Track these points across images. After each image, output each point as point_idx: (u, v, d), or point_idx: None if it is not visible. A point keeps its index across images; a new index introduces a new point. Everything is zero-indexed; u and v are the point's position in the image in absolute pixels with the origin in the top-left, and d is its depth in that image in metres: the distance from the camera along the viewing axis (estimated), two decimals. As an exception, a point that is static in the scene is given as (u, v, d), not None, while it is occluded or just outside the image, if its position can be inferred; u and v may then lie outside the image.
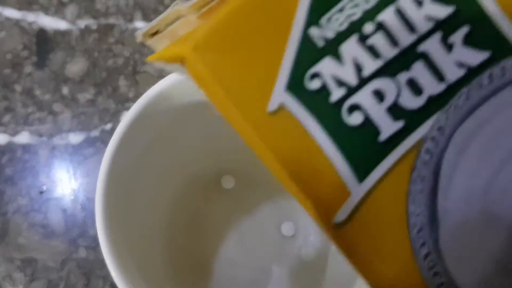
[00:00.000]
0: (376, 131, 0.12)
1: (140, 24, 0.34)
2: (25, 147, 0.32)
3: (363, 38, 0.12)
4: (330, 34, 0.12)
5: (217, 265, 0.29)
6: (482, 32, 0.12)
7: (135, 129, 0.21)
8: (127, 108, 0.33)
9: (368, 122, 0.12)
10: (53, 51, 0.34)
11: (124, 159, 0.21)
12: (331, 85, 0.12)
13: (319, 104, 0.12)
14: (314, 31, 0.12)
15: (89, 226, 0.31)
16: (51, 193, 0.31)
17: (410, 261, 0.12)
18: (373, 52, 0.12)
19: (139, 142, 0.22)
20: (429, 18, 0.12)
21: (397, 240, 0.12)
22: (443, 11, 0.12)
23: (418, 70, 0.12)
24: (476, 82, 0.12)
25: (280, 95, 0.12)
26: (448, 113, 0.12)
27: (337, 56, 0.12)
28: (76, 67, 0.34)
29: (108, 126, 0.32)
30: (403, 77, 0.12)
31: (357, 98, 0.12)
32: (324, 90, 0.12)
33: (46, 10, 0.35)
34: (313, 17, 0.12)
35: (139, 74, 0.33)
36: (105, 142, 0.32)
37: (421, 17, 0.12)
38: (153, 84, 0.33)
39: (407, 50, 0.12)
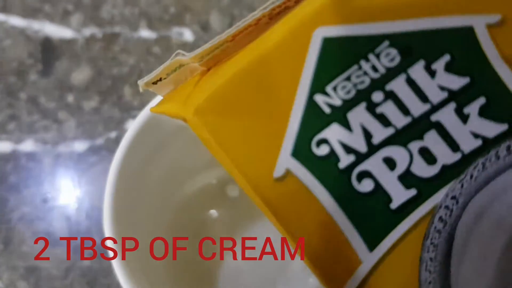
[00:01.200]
0: (387, 199, 0.12)
1: (145, 33, 0.34)
2: (30, 155, 0.32)
3: (372, 106, 0.12)
4: (337, 101, 0.12)
5: (221, 273, 0.28)
6: (499, 103, 0.12)
7: (142, 137, 0.21)
8: (132, 116, 0.32)
9: (379, 190, 0.12)
10: (58, 59, 0.34)
11: (131, 167, 0.21)
12: (339, 152, 0.12)
13: (327, 170, 0.12)
14: (320, 98, 0.12)
15: (93, 234, 0.30)
16: (56, 201, 0.31)
17: None
18: (383, 120, 0.12)
19: (145, 150, 0.22)
20: (442, 88, 0.12)
21: None
22: (457, 82, 0.12)
23: (432, 140, 0.12)
24: (493, 153, 0.12)
25: (286, 161, 0.12)
26: (463, 183, 0.12)
27: (345, 123, 0.12)
28: (81, 75, 0.33)
29: (113, 134, 0.32)
30: (415, 145, 0.12)
31: (367, 165, 0.12)
32: (332, 157, 0.12)
33: (51, 19, 0.35)
34: (318, 85, 0.12)
35: (144, 83, 0.33)
36: (110, 150, 0.32)
37: (434, 87, 0.12)
38: (158, 92, 0.33)
39: (420, 119, 0.12)
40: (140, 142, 0.21)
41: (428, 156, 0.12)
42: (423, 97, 0.12)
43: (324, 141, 0.12)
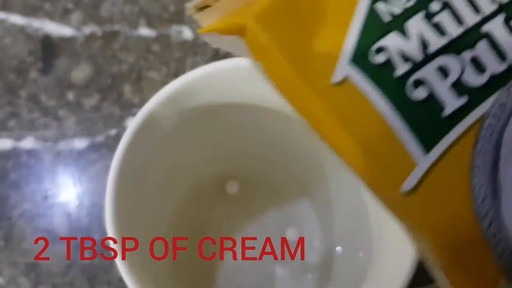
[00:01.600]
0: (440, 106, 0.12)
1: (144, 31, 0.34)
2: (30, 152, 0.32)
3: (429, 16, 0.12)
4: (397, 9, 0.12)
5: (221, 270, 0.29)
6: None
7: (142, 135, 0.21)
8: (132, 114, 0.32)
9: (432, 97, 0.12)
10: (58, 57, 0.34)
11: (132, 165, 0.21)
12: (396, 60, 0.12)
13: (384, 77, 0.12)
14: (381, 6, 0.12)
15: (94, 231, 0.30)
16: (56, 198, 0.31)
17: (474, 230, 0.12)
18: (439, 29, 0.12)
19: (145, 148, 0.22)
20: (493, 0, 0.12)
21: (461, 210, 0.12)
22: None
23: (482, 49, 0.12)
24: None
25: (344, 68, 0.12)
26: (509, 91, 0.12)
27: (403, 32, 0.12)
28: (81, 73, 0.33)
29: (113, 131, 0.32)
30: (467, 55, 0.12)
31: (422, 73, 0.12)
32: (389, 64, 0.12)
33: (51, 17, 0.35)
34: None
35: (143, 80, 0.33)
36: (110, 148, 0.32)
37: None
38: (158, 90, 0.33)
39: (472, 29, 0.12)
40: (140, 139, 0.21)
41: (478, 65, 0.12)
42: (476, 8, 0.12)
43: (382, 49, 0.12)
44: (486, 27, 0.12)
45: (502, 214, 0.12)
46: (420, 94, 0.12)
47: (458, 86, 0.12)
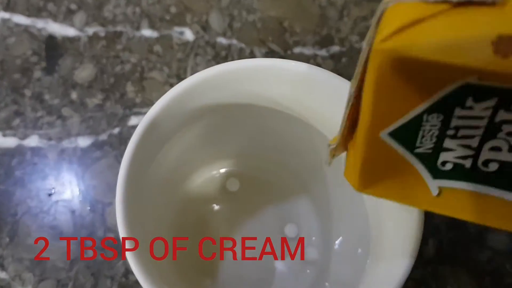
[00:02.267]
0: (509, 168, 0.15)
1: (146, 32, 0.35)
2: (34, 150, 0.32)
3: (453, 137, 0.15)
4: (431, 146, 0.15)
5: (223, 264, 0.29)
6: None
7: (149, 134, 0.21)
8: (135, 113, 0.33)
9: (502, 163, 0.15)
10: (62, 57, 0.34)
11: (140, 163, 0.21)
12: (460, 161, 0.15)
13: (462, 171, 0.15)
14: (419, 150, 0.15)
15: (97, 227, 0.31)
16: (60, 195, 0.32)
17: None
18: (466, 137, 0.15)
19: (152, 146, 0.22)
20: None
21: None
22: None
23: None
24: None
25: (433, 183, 0.16)
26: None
27: (448, 150, 0.15)
28: (84, 72, 0.34)
29: (116, 130, 0.33)
30: (502, 134, 0.14)
31: (485, 156, 0.15)
32: (458, 166, 0.15)
33: (54, 17, 0.35)
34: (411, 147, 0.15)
35: (146, 80, 0.34)
36: (113, 146, 0.32)
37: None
38: (160, 90, 0.34)
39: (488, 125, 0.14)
40: (147, 139, 0.21)
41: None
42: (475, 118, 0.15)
43: (444, 162, 0.15)
44: (497, 119, 0.14)
45: None
46: (493, 167, 0.15)
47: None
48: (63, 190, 0.32)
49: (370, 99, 0.14)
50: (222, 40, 0.35)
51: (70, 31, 0.35)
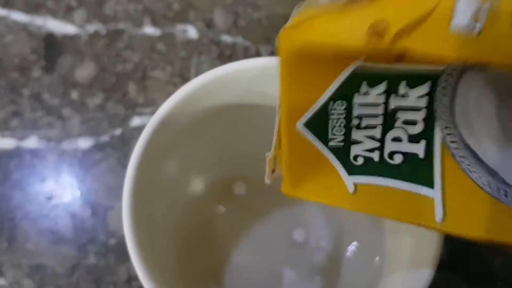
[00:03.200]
0: (415, 155, 0.15)
1: (149, 30, 0.33)
2: (33, 152, 0.31)
3: (358, 127, 0.16)
4: (341, 138, 0.16)
5: (229, 270, 0.28)
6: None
7: (158, 135, 0.20)
8: (137, 114, 0.32)
9: (404, 154, 0.15)
10: (61, 55, 0.33)
11: (147, 165, 0.20)
12: (369, 155, 0.16)
13: (372, 166, 0.16)
14: (333, 143, 0.16)
15: (99, 231, 0.29)
16: (60, 198, 0.30)
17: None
18: (369, 127, 0.15)
19: (160, 148, 0.21)
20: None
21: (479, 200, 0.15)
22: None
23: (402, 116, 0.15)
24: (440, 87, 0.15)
25: (349, 180, 0.16)
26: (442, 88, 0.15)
27: (356, 142, 0.16)
28: (85, 71, 0.33)
29: (118, 131, 0.31)
30: (399, 122, 0.15)
31: (389, 148, 0.15)
32: (368, 159, 0.16)
33: (54, 14, 0.34)
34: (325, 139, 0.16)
35: (148, 80, 0.32)
36: (114, 148, 0.31)
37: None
38: (162, 89, 0.32)
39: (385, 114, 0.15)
40: (155, 141, 0.20)
41: (409, 122, 0.15)
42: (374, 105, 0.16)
43: (356, 156, 0.16)
44: (391, 106, 0.15)
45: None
46: (398, 159, 0.15)
47: (413, 138, 0.15)
48: (63, 193, 0.30)
49: (282, 90, 0.15)
50: (226, 38, 0.33)
51: (70, 29, 0.33)
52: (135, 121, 0.31)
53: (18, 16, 0.34)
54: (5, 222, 0.30)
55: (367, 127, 0.15)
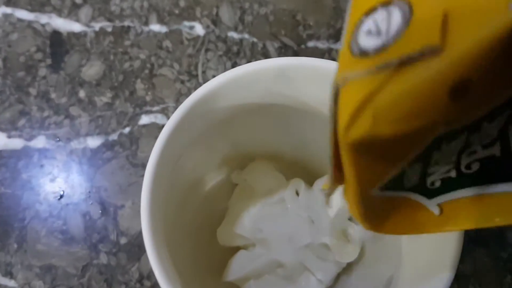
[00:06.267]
0: (492, 156, 0.14)
1: (155, 27, 0.32)
2: (42, 152, 0.30)
3: (433, 164, 0.14)
4: (416, 178, 0.15)
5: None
6: None
7: (176, 135, 0.19)
8: (145, 112, 0.31)
9: (481, 160, 0.14)
10: (68, 53, 0.32)
11: (166, 163, 0.19)
12: (446, 175, 0.15)
13: (451, 182, 0.15)
14: (408, 186, 0.15)
15: (110, 231, 0.28)
16: (70, 198, 0.29)
17: None
18: (444, 159, 0.14)
19: (178, 147, 0.20)
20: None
21: None
22: None
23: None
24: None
25: (431, 204, 0.15)
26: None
27: (432, 173, 0.15)
28: (92, 70, 0.31)
29: (126, 130, 0.30)
30: (475, 144, 0.14)
31: (465, 161, 0.14)
32: (445, 179, 0.15)
33: (59, 12, 0.32)
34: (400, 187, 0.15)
35: (156, 77, 0.31)
36: (123, 146, 0.30)
37: None
38: (170, 87, 0.31)
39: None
40: (173, 140, 0.19)
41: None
42: None
43: (433, 181, 0.15)
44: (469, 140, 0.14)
45: None
46: (475, 167, 0.15)
47: (487, 145, 0.14)
48: (73, 192, 0.29)
49: (351, 173, 0.13)
50: (233, 35, 0.32)
51: (76, 27, 0.32)
52: (144, 120, 0.30)
53: (23, 14, 0.32)
54: (15, 222, 0.29)
55: (442, 161, 0.14)
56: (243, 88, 0.20)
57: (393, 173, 0.13)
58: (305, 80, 0.20)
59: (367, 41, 0.11)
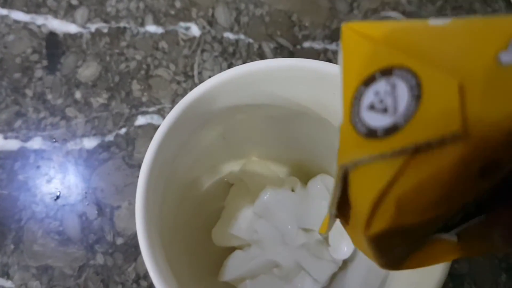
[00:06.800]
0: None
1: (151, 28, 0.32)
2: (38, 153, 0.30)
3: None
4: None
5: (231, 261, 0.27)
6: None
7: (171, 136, 0.19)
8: (141, 113, 0.30)
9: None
10: (64, 55, 0.32)
11: (160, 163, 0.19)
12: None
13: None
14: None
15: (106, 231, 0.28)
16: (66, 199, 0.29)
17: None
18: None
19: (172, 148, 0.20)
20: None
21: None
22: None
23: None
24: None
25: (448, 236, 0.14)
26: None
27: None
28: (88, 71, 0.31)
29: (123, 130, 0.30)
30: None
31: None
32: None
33: (55, 13, 0.32)
34: None
35: (152, 78, 0.31)
36: (119, 147, 0.30)
37: None
38: (166, 88, 0.31)
39: None
40: (168, 141, 0.19)
41: None
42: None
43: None
44: None
45: None
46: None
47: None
48: (69, 193, 0.29)
49: (370, 254, 0.12)
50: (229, 35, 0.32)
51: (72, 28, 0.32)
52: (140, 120, 0.30)
53: (19, 15, 0.32)
54: (12, 223, 0.29)
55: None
56: (238, 88, 0.20)
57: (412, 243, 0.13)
58: (300, 81, 0.20)
59: (374, 119, 0.10)
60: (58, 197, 0.29)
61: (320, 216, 0.25)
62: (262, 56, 0.32)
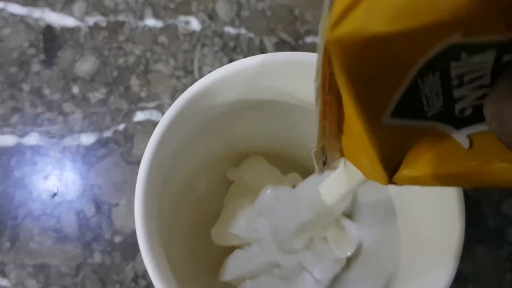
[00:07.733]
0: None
1: (150, 22, 0.31)
2: (35, 149, 0.29)
3: (460, 85, 0.12)
4: (440, 103, 0.13)
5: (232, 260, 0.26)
6: None
7: (171, 132, 0.18)
8: (140, 108, 0.30)
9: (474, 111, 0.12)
10: (61, 48, 0.31)
11: (159, 160, 0.18)
12: (479, 102, 0.12)
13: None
14: (431, 113, 0.13)
15: (104, 229, 0.28)
16: (63, 196, 0.28)
17: None
18: (475, 79, 0.12)
19: (173, 144, 0.19)
20: None
21: None
22: None
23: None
24: None
25: (459, 135, 0.13)
26: None
27: (461, 98, 0.13)
28: (86, 65, 0.31)
29: (121, 126, 0.29)
30: None
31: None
32: (478, 106, 0.12)
33: (52, 7, 0.32)
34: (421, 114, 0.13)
35: (151, 73, 0.30)
36: (118, 143, 0.29)
37: None
38: (165, 83, 0.31)
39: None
40: (168, 137, 0.19)
41: None
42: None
43: (463, 108, 0.13)
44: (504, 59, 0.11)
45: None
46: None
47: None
48: (67, 190, 0.29)
49: (350, 93, 0.11)
50: (230, 30, 0.32)
51: (69, 21, 0.31)
52: (139, 116, 0.30)
53: (15, 8, 0.32)
54: (8, 221, 0.28)
55: (471, 81, 0.12)
56: (238, 84, 0.19)
57: (402, 87, 0.11)
58: (301, 75, 0.20)
59: None
60: (55, 194, 0.28)
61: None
62: (263, 51, 0.31)
